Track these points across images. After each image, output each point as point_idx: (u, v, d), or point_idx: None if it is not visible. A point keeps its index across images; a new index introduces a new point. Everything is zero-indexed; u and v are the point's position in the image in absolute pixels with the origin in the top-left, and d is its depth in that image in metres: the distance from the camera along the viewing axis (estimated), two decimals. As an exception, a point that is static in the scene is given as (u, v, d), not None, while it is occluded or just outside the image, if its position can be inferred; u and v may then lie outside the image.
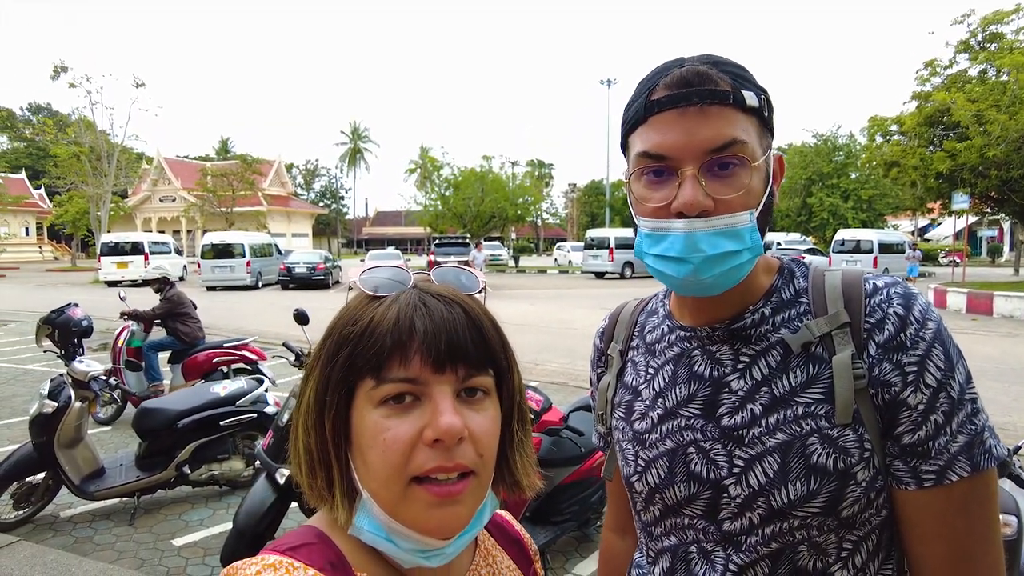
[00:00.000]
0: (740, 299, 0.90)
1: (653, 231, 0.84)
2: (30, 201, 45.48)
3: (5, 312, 15.35)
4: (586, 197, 65.16)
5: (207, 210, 38.77)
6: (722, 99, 0.79)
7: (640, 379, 1.00)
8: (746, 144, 0.80)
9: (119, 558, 3.64)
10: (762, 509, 0.84)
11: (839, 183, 35.24)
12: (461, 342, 0.64)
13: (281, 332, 10.84)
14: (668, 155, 0.81)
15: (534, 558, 0.88)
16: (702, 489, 0.89)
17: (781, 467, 0.82)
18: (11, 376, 8.28)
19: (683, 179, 0.80)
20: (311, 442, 0.66)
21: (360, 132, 70.73)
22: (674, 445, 0.92)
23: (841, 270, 0.91)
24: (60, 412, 3.94)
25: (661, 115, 0.81)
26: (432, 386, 0.62)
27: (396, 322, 0.63)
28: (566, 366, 8.59)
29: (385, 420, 0.62)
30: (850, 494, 0.81)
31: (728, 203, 0.80)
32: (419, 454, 0.61)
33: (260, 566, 0.60)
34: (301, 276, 23.23)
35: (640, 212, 0.86)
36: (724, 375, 0.89)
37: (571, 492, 3.57)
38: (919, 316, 0.82)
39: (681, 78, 0.80)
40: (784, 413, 0.84)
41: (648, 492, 0.95)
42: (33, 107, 62.68)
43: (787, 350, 0.86)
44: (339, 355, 0.64)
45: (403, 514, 0.63)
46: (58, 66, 30.63)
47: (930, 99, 18.08)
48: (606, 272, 27.96)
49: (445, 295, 0.67)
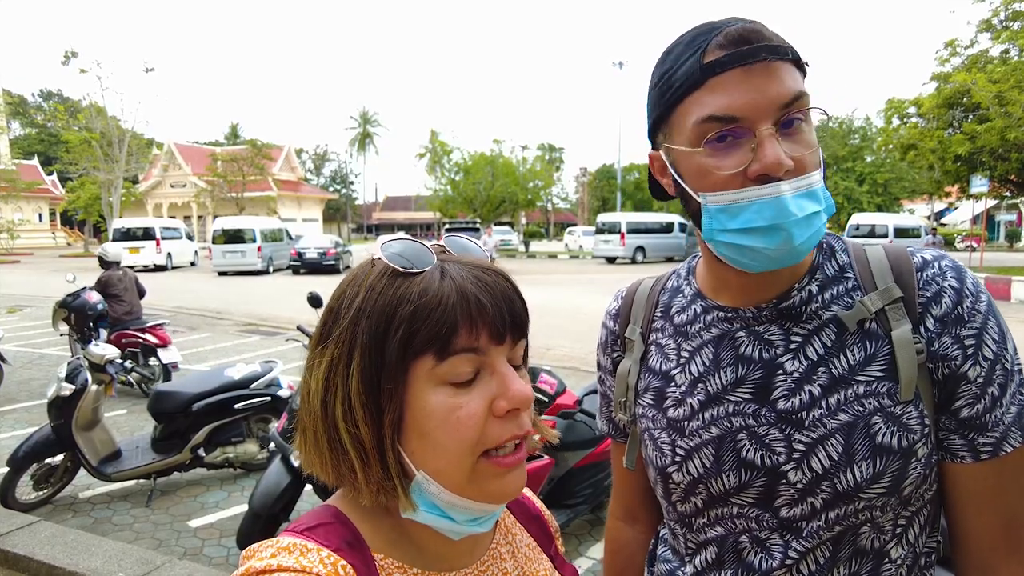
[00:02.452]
0: (785, 276, 0.86)
1: (730, 203, 0.77)
2: (43, 187, 45.77)
3: (21, 297, 15.53)
4: (597, 181, 64.85)
5: (218, 195, 38.96)
6: (783, 54, 0.75)
7: (671, 363, 0.95)
8: (809, 98, 0.77)
9: (137, 538, 3.68)
10: (826, 493, 0.81)
11: (854, 167, 34.86)
12: (517, 312, 0.64)
13: (293, 317, 10.89)
14: (740, 115, 0.74)
15: (555, 535, 0.87)
16: (756, 476, 0.85)
17: (846, 449, 0.80)
18: (28, 360, 8.37)
19: (761, 139, 0.74)
20: (360, 434, 0.61)
21: (369, 117, 70.64)
22: (721, 432, 0.87)
23: (881, 244, 0.88)
24: (77, 395, 3.98)
25: (723, 75, 0.75)
26: (493, 357, 0.62)
27: (462, 296, 0.60)
28: (577, 350, 8.58)
29: (454, 399, 0.60)
30: (912, 471, 0.79)
31: (803, 161, 0.76)
32: (491, 427, 0.61)
33: (275, 548, 0.59)
34: (312, 261, 23.31)
35: (705, 186, 0.79)
36: (776, 356, 0.85)
37: (585, 475, 3.57)
38: (973, 289, 0.81)
39: (737, 35, 0.74)
40: (845, 393, 0.81)
41: (690, 482, 0.90)
42: (44, 93, 63.05)
43: (841, 328, 0.83)
44: (389, 336, 0.60)
45: (471, 489, 0.62)
46: (69, 52, 30.80)
47: (950, 80, 17.81)
48: (617, 257, 27.86)
49: (484, 267, 0.66)
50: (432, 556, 0.68)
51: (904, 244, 0.90)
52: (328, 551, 0.60)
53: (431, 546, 0.68)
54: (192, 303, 14.43)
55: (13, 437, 5.17)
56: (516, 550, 0.77)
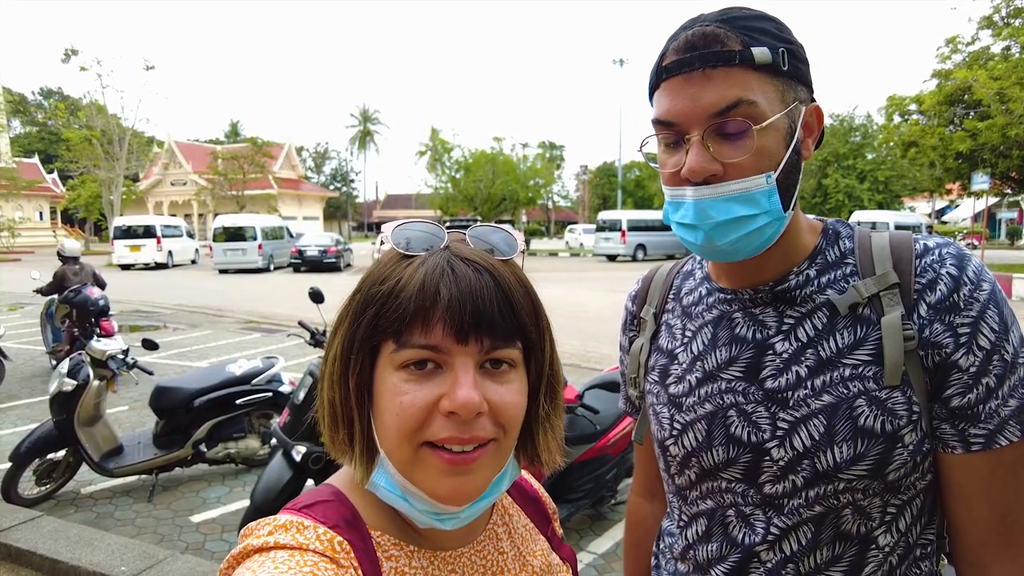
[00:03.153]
0: (782, 261, 0.88)
1: (672, 199, 0.85)
2: (43, 185, 45.76)
3: (22, 295, 15.52)
4: (598, 179, 64.81)
5: (218, 193, 38.93)
6: (727, 60, 0.77)
7: (676, 342, 0.99)
8: (754, 104, 0.78)
9: (139, 533, 3.69)
10: (806, 472, 0.82)
11: (855, 164, 34.80)
12: (487, 312, 0.60)
13: (293, 314, 10.86)
14: (675, 121, 0.81)
15: (553, 517, 0.87)
16: (742, 452, 0.87)
17: (827, 429, 0.81)
18: (30, 357, 8.38)
19: (689, 145, 0.80)
20: (335, 397, 0.65)
21: (370, 114, 70.59)
22: (713, 408, 0.90)
23: (889, 232, 0.89)
24: (79, 390, 3.99)
25: (669, 81, 0.81)
26: (454, 356, 0.60)
27: (421, 287, 0.60)
28: (578, 348, 8.59)
29: (403, 384, 0.60)
30: (897, 457, 0.80)
31: (738, 167, 0.79)
32: (435, 421, 0.60)
33: (272, 526, 0.60)
34: (313, 259, 23.32)
35: (663, 180, 0.87)
36: (768, 337, 0.88)
37: (586, 470, 3.57)
38: (973, 276, 0.80)
39: (687, 42, 0.79)
40: (831, 375, 0.82)
41: (684, 455, 0.94)
42: (45, 91, 63.01)
43: (833, 311, 0.84)
44: (365, 314, 0.63)
45: (416, 477, 0.62)
46: (69, 49, 30.71)
47: (951, 77, 17.80)
48: (618, 255, 27.86)
49: (476, 260, 0.63)
50: (428, 536, 0.68)
51: (910, 232, 0.89)
52: (325, 528, 0.60)
53: (427, 529, 0.68)
54: (193, 301, 14.44)
55: (15, 433, 5.18)
56: (513, 531, 0.78)
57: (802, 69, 0.83)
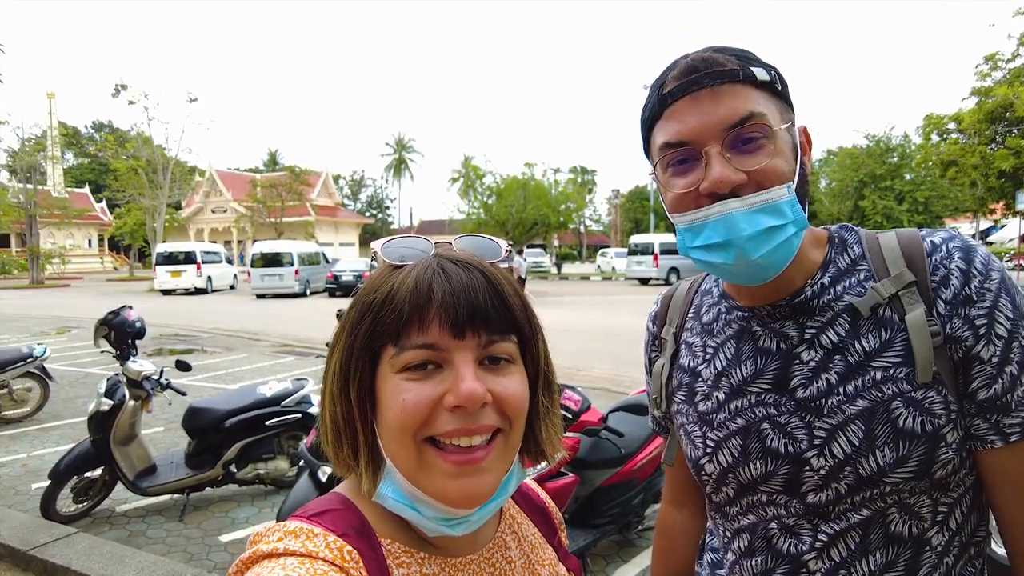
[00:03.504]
0: (796, 275, 0.88)
1: (691, 224, 0.83)
2: (92, 214, 47.64)
3: (69, 319, 16.08)
4: (630, 203, 64.61)
5: (257, 220, 39.93)
6: (732, 77, 0.80)
7: (698, 360, 0.99)
8: (765, 115, 0.80)
9: (169, 551, 3.75)
10: (849, 479, 0.82)
11: (893, 185, 34.06)
12: (480, 306, 0.63)
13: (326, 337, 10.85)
14: (688, 140, 0.80)
15: (559, 527, 0.87)
16: (781, 464, 0.87)
17: (867, 434, 0.81)
18: (74, 379, 8.65)
19: (708, 159, 0.79)
20: (337, 411, 0.66)
21: (404, 143, 71.92)
22: (745, 423, 0.90)
23: (895, 231, 0.88)
24: (116, 410, 4.10)
25: (675, 105, 0.82)
26: (453, 352, 0.62)
27: (414, 287, 0.63)
28: (609, 372, 8.50)
29: (405, 383, 0.62)
30: (941, 455, 0.79)
31: (762, 173, 0.79)
32: (439, 417, 0.61)
33: (282, 532, 0.61)
34: (348, 284, 23.66)
35: (672, 207, 0.85)
36: (792, 347, 0.87)
37: (612, 494, 3.51)
38: (981, 267, 0.80)
39: (688, 66, 0.81)
40: (862, 379, 0.82)
41: (720, 472, 0.94)
42: (96, 124, 65.80)
43: (855, 315, 0.84)
44: (362, 323, 0.65)
45: (423, 482, 0.62)
46: (119, 84, 32.10)
47: (991, 94, 17.40)
48: (650, 278, 27.64)
49: (465, 260, 0.66)
50: (437, 543, 0.68)
51: (915, 229, 0.89)
52: (335, 536, 0.61)
53: (436, 537, 0.68)
54: (230, 325, 14.75)
55: (57, 452, 5.33)
56: (522, 539, 0.78)
57: (787, 92, 0.85)
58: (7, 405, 6.47)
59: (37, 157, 34.10)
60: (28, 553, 3.46)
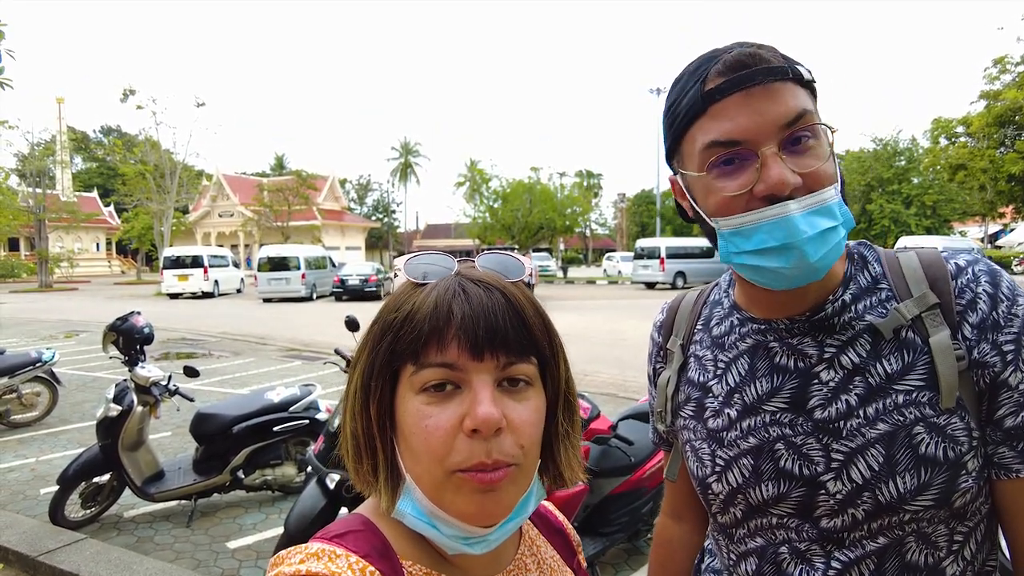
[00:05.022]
0: (818, 288, 0.85)
1: (742, 226, 0.78)
2: (101, 218, 47.96)
3: (77, 323, 16.16)
4: (636, 207, 64.59)
5: (264, 224, 40.06)
6: (782, 75, 0.76)
7: (708, 374, 0.96)
8: (815, 114, 0.77)
9: (177, 558, 3.75)
10: (868, 504, 0.79)
11: (900, 189, 33.93)
12: (500, 328, 0.62)
13: (334, 341, 10.97)
14: (742, 139, 0.76)
15: (577, 549, 0.87)
16: (795, 487, 0.84)
17: (887, 459, 0.78)
18: (82, 383, 8.68)
19: (764, 159, 0.75)
20: (358, 428, 0.66)
21: (410, 147, 72.04)
22: (758, 442, 0.87)
23: (915, 250, 0.86)
24: (124, 415, 4.10)
25: (724, 101, 0.77)
26: (471, 374, 0.61)
27: (434, 308, 0.63)
28: (616, 377, 8.47)
29: (426, 407, 0.62)
30: (963, 484, 0.77)
31: (815, 176, 0.76)
32: (460, 444, 0.61)
33: (304, 555, 0.60)
34: (354, 288, 23.71)
35: (717, 210, 0.80)
36: (811, 366, 0.85)
37: (621, 503, 3.49)
38: (1008, 292, 0.79)
39: (735, 61, 0.77)
40: (884, 402, 0.79)
41: (729, 492, 0.90)
42: (104, 129, 66.28)
43: (876, 337, 0.82)
44: (383, 341, 0.65)
45: (445, 500, 0.62)
46: (127, 89, 32.30)
47: (1000, 98, 17.33)
48: (657, 282, 27.56)
49: (486, 280, 0.66)
50: (458, 564, 0.68)
51: (936, 249, 0.87)
52: (357, 557, 0.61)
53: (457, 555, 0.67)
54: (237, 329, 14.79)
55: (65, 457, 5.35)
56: (542, 561, 0.77)
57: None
58: (16, 409, 6.49)
59: (46, 161, 34.35)
60: (36, 559, 3.46)
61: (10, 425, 6.44)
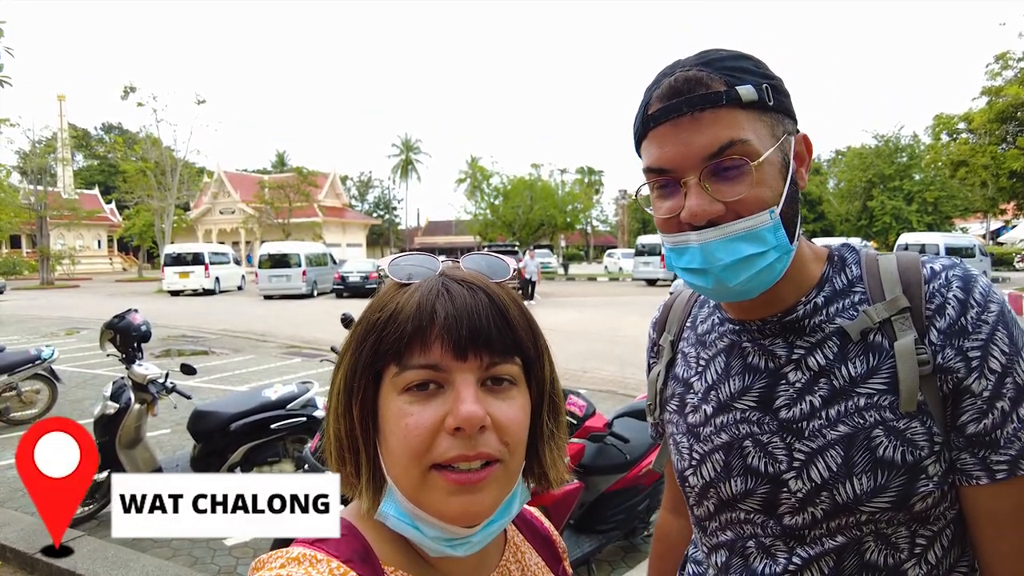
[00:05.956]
0: (790, 292, 0.86)
1: (674, 245, 0.84)
2: (102, 215, 47.96)
3: (78, 320, 16.18)
4: (637, 204, 64.35)
5: (265, 221, 40.13)
6: (714, 102, 0.77)
7: (691, 371, 0.98)
8: (747, 142, 0.77)
9: (174, 555, 3.76)
10: (826, 504, 0.81)
11: (902, 185, 33.88)
12: (483, 328, 0.62)
13: (334, 339, 10.99)
14: (669, 167, 0.79)
15: (563, 556, 0.87)
16: (760, 483, 0.86)
17: (845, 460, 0.79)
18: (82, 380, 8.70)
19: (687, 189, 0.79)
20: (340, 429, 0.66)
21: (412, 144, 72.03)
22: (729, 438, 0.90)
23: (896, 254, 0.86)
24: (121, 413, 4.11)
25: (657, 129, 0.80)
26: (454, 373, 0.61)
27: (417, 308, 0.62)
28: (615, 374, 8.47)
29: (408, 406, 0.61)
30: (921, 488, 0.77)
31: (742, 203, 0.78)
32: (441, 441, 0.60)
33: (285, 559, 0.60)
34: (355, 285, 23.72)
35: (658, 227, 0.86)
36: (780, 366, 0.86)
37: (617, 500, 3.49)
38: (980, 299, 0.78)
39: (671, 88, 0.79)
40: (845, 404, 0.80)
41: (703, 486, 0.93)
42: (106, 126, 66.25)
43: (845, 339, 0.82)
44: (366, 342, 0.64)
45: (424, 501, 0.62)
46: (128, 87, 32.35)
47: (1002, 94, 17.29)
48: (658, 279, 27.57)
49: (470, 280, 0.66)
50: (441, 569, 0.68)
51: (917, 253, 0.87)
52: (338, 562, 0.60)
53: (440, 560, 0.67)
54: (238, 326, 14.81)
55: (63, 455, 5.35)
56: (526, 567, 0.77)
57: (785, 102, 0.82)
58: (15, 407, 6.51)
59: (47, 159, 34.42)
60: (34, 556, 3.47)
61: (9, 422, 6.47)
